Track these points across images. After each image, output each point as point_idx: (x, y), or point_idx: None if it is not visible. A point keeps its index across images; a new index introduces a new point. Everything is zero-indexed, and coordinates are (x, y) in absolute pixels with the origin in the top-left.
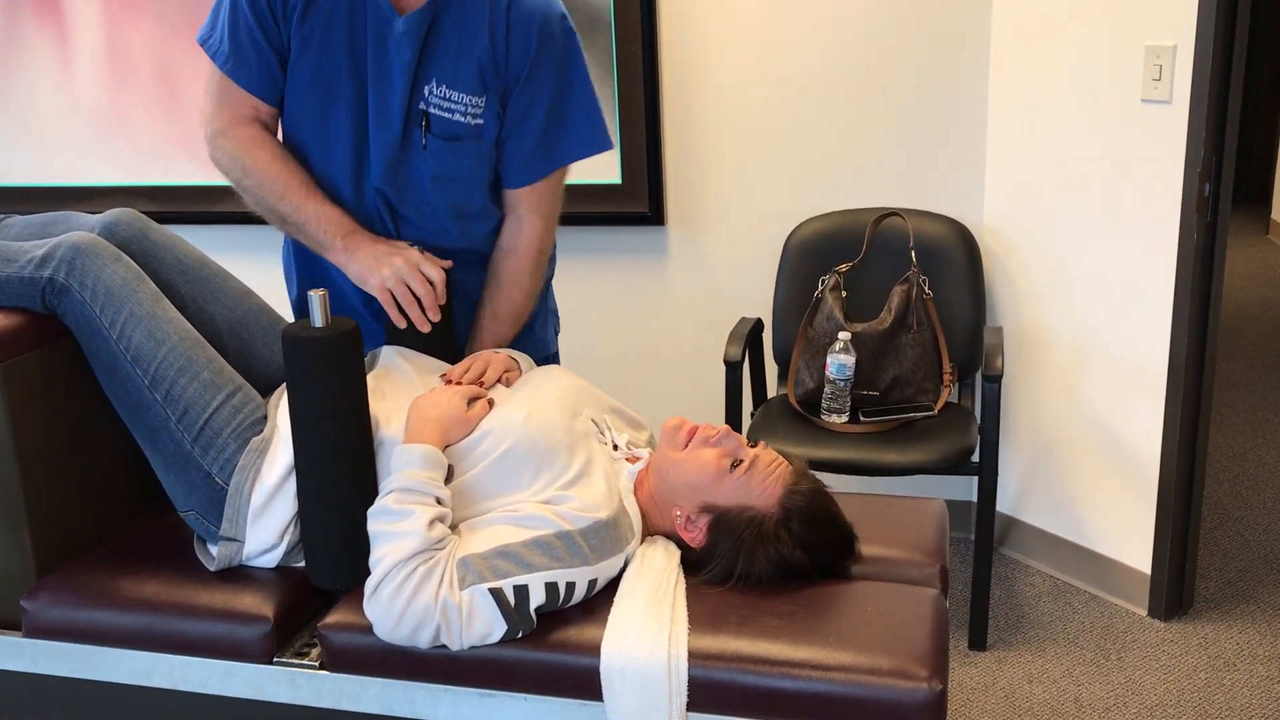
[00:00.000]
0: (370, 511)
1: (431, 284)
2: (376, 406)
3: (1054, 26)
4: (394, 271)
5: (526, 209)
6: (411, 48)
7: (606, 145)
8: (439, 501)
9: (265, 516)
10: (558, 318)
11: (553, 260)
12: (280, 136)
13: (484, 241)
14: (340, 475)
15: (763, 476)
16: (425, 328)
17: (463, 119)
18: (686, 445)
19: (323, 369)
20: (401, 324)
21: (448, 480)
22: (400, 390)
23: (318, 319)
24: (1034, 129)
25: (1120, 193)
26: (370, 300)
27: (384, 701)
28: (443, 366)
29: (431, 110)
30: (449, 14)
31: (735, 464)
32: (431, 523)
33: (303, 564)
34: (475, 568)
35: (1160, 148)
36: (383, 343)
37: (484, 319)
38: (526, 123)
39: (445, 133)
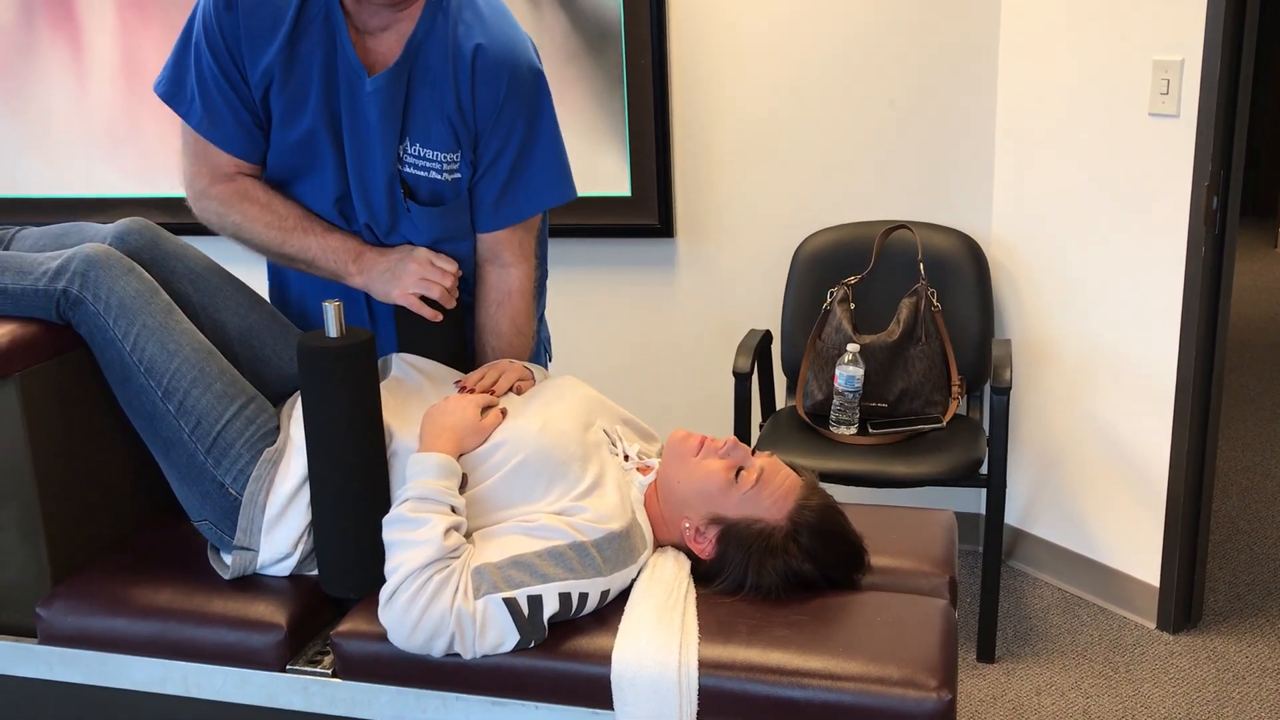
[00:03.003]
0: (385, 520)
1: (446, 271)
2: (389, 415)
3: (1061, 41)
4: (412, 274)
5: (510, 256)
6: (379, 108)
7: (570, 195)
8: (454, 510)
9: (279, 526)
10: (550, 344)
11: (543, 292)
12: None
13: None
14: (354, 484)
15: (772, 489)
16: (450, 305)
17: (439, 175)
18: (693, 457)
19: (338, 379)
20: (438, 318)
21: (462, 489)
22: (413, 399)
23: (332, 329)
24: (1041, 142)
25: (1128, 206)
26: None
27: (396, 709)
28: (453, 375)
29: (406, 170)
30: (418, 72)
31: (739, 472)
32: (447, 531)
33: (315, 572)
34: (490, 577)
35: (1168, 161)
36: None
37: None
38: (493, 170)
39: (427, 196)
